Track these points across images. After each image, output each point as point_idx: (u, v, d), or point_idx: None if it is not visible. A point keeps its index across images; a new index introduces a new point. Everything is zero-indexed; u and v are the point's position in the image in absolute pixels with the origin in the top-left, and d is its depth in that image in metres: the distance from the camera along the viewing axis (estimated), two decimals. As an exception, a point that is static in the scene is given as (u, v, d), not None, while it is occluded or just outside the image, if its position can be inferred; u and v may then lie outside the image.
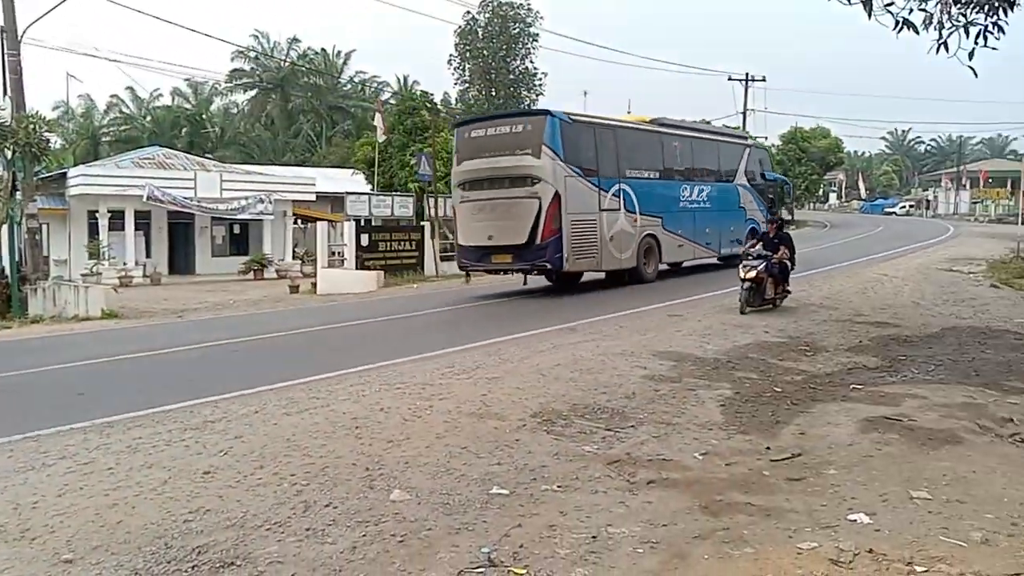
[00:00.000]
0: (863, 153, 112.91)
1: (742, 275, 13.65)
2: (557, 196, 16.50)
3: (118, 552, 4.46)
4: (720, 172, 22.53)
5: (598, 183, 17.70)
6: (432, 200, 28.04)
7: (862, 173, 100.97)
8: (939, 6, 8.92)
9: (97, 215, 28.87)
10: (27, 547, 4.55)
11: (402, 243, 26.57)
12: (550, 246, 16.54)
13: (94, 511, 5.06)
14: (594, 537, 4.56)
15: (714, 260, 22.45)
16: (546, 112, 17.67)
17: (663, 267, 20.56)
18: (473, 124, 18.81)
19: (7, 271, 20.28)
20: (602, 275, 19.25)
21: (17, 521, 4.94)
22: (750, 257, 14.03)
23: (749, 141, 27.27)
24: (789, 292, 14.46)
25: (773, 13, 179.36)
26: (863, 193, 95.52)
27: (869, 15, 8.78)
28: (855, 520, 4.75)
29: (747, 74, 51.01)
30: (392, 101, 46.56)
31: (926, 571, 4.02)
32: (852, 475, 5.57)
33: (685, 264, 22.07)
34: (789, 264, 14.37)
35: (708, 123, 36.01)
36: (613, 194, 18.05)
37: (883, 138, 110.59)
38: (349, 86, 66.64)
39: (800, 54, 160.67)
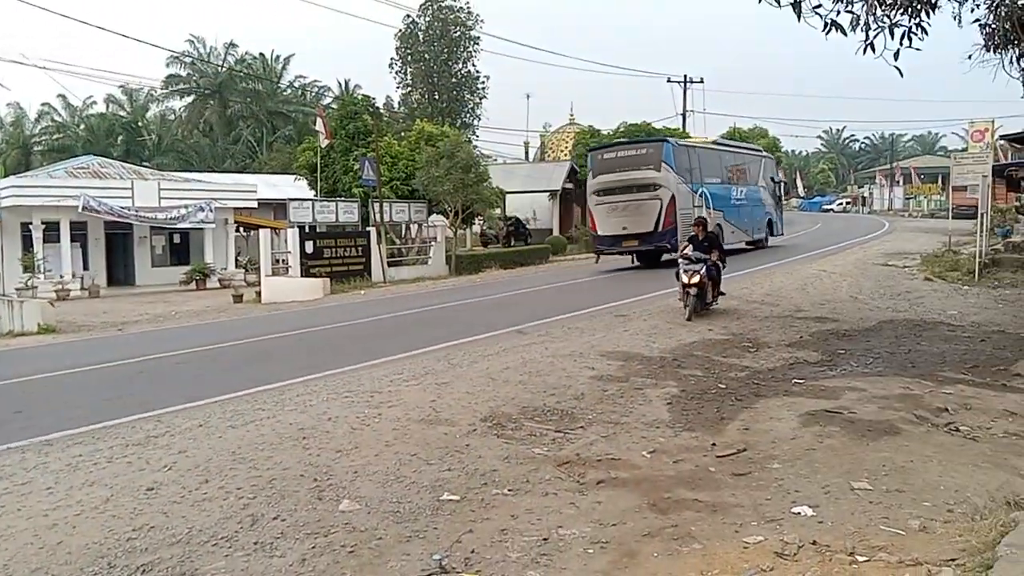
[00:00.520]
0: (800, 152, 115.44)
1: (686, 280, 13.04)
2: (673, 198, 22.85)
3: (59, 574, 4.35)
4: (750, 177, 29.19)
5: (691, 187, 23.95)
6: (377, 205, 27.83)
7: (800, 172, 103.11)
8: (865, 8, 9.19)
9: (30, 227, 27.92)
10: (-38, 573, 4.41)
11: (348, 249, 26.31)
12: (668, 233, 22.72)
13: (32, 533, 4.92)
14: (545, 539, 4.59)
15: (742, 245, 28.08)
16: (664, 139, 25.40)
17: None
18: (604, 149, 26.12)
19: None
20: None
21: (-49, 547, 4.77)
22: (689, 261, 13.36)
23: (765, 153, 34.07)
24: (723, 294, 14.09)
25: (713, 14, 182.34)
26: (801, 191, 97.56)
27: (799, 17, 9.01)
28: (799, 513, 4.87)
29: (686, 76, 51.69)
30: (334, 106, 46.12)
31: (867, 560, 4.13)
32: (795, 468, 5.70)
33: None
34: (721, 265, 13.90)
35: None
36: (699, 195, 24.16)
37: (819, 137, 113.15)
38: (289, 91, 65.76)
39: (737, 57, 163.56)
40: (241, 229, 35.37)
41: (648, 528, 4.72)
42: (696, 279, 12.98)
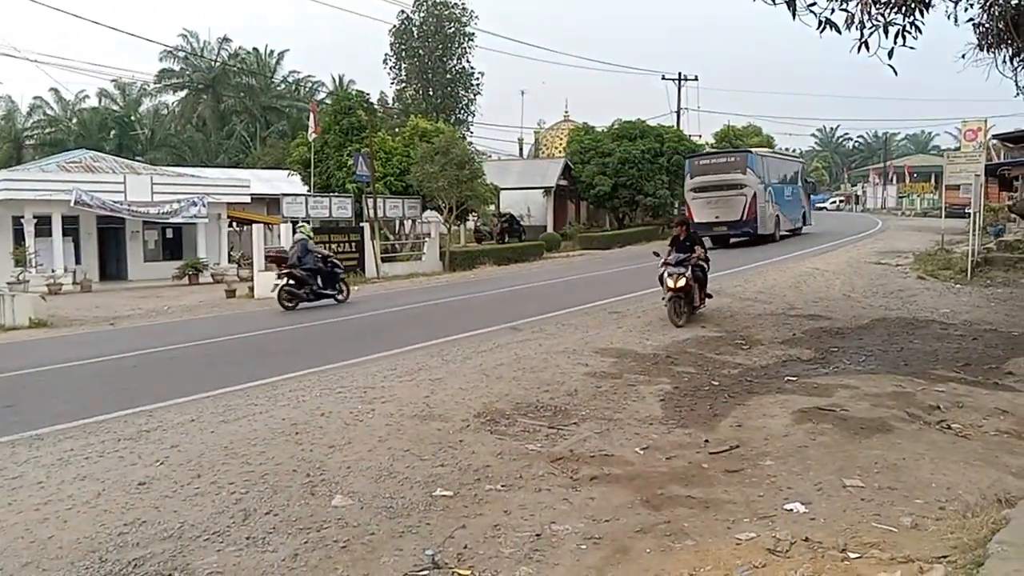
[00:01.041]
0: (794, 150, 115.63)
1: (671, 284, 12.14)
2: (755, 195, 29.75)
3: (49, 568, 4.33)
4: (792, 179, 35.82)
5: (764, 187, 30.54)
6: (371, 201, 27.78)
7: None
8: (859, 7, 9.20)
9: (22, 221, 27.80)
10: (-48, 567, 4.39)
11: (341, 245, 26.24)
12: (750, 222, 29.80)
13: (23, 527, 4.90)
14: (538, 535, 4.59)
15: (785, 232, 33.19)
16: (747, 150, 34.49)
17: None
18: (700, 156, 34.35)
19: (-74, 280, 19.40)
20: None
21: (-59, 541, 4.74)
22: (671, 264, 12.43)
23: (802, 161, 44.64)
24: (710, 296, 13.38)
25: (707, 12, 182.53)
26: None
27: (793, 15, 9.02)
28: (791, 509, 4.88)
29: (680, 74, 51.71)
30: (327, 101, 46.00)
31: (859, 557, 4.14)
32: (788, 465, 5.71)
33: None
34: (706, 266, 13.05)
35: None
36: (767, 193, 30.93)
37: (813, 135, 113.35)
38: (283, 86, 65.54)
39: (731, 55, 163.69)
40: (234, 224, 35.28)
41: (641, 524, 4.72)
42: (682, 283, 12.15)
